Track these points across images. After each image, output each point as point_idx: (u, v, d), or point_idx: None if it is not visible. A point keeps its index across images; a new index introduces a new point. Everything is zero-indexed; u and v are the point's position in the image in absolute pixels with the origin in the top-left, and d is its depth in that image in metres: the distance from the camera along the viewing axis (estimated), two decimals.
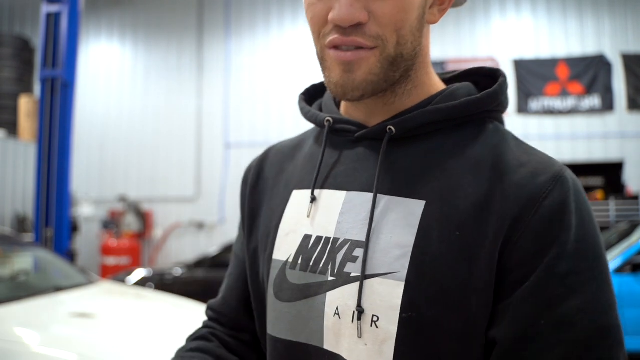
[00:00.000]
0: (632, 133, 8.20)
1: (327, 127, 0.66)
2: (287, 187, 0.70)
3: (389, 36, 0.56)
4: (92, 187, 9.13)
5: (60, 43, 5.63)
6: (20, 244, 3.99)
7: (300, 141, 0.76)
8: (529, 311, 0.51)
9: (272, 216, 0.70)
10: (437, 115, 0.60)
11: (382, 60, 0.57)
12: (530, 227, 0.52)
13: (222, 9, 9.13)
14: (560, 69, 8.32)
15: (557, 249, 0.52)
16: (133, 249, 8.38)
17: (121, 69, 9.36)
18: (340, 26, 0.56)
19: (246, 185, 0.77)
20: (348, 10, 0.54)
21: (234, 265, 0.79)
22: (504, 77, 0.64)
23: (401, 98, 0.62)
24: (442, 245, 0.54)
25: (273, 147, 0.79)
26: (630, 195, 7.68)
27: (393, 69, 0.58)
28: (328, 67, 0.60)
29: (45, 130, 5.57)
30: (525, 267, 0.52)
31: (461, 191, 0.56)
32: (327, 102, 0.71)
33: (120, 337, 2.55)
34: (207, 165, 8.85)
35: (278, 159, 0.75)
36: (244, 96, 8.81)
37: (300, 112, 0.73)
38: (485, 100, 0.61)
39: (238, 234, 0.80)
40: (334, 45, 0.57)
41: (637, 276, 4.82)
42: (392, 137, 0.61)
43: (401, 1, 0.55)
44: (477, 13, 8.61)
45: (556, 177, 0.55)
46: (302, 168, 0.70)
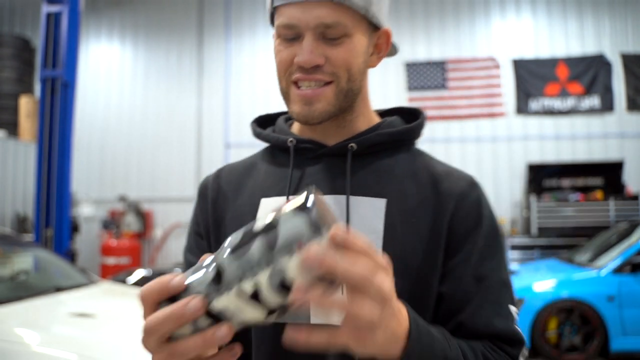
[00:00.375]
0: (632, 133, 8.21)
1: (292, 146, 0.81)
2: (252, 197, 0.82)
3: (341, 74, 0.74)
4: (92, 187, 9.14)
5: (61, 43, 5.64)
6: (21, 244, 3.99)
7: (251, 162, 0.89)
8: (463, 271, 0.74)
9: (241, 222, 0.77)
10: (386, 137, 0.80)
11: (337, 93, 0.75)
12: (461, 216, 0.76)
13: (222, 9, 9.13)
14: (560, 69, 8.32)
15: (478, 230, 0.76)
16: (133, 249, 8.38)
17: (121, 69, 9.37)
18: (303, 67, 0.73)
19: (206, 199, 0.86)
20: (309, 56, 0.71)
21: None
22: (424, 115, 0.87)
23: (350, 123, 0.81)
24: (404, 229, 0.74)
25: (224, 167, 0.91)
26: (630, 195, 7.68)
27: (345, 100, 0.77)
28: (292, 100, 0.77)
29: (46, 131, 5.57)
30: (459, 242, 0.75)
31: (408, 192, 0.77)
32: (281, 127, 0.87)
33: (120, 337, 2.55)
34: (207, 165, 8.85)
35: (234, 177, 0.87)
36: (244, 96, 8.81)
37: (258, 135, 0.88)
38: (415, 130, 0.84)
39: (188, 244, 0.87)
40: (298, 81, 0.74)
41: (637, 276, 4.82)
42: (353, 153, 0.79)
43: (350, 49, 0.73)
44: (477, 13, 8.61)
45: (472, 183, 0.81)
46: (263, 181, 0.83)
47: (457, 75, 8.42)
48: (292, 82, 0.75)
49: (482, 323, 0.71)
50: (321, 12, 0.71)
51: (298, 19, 0.72)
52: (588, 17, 8.48)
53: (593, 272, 4.97)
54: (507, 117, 8.36)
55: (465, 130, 8.39)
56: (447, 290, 0.73)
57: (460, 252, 0.75)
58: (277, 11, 0.75)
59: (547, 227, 7.63)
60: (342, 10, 0.71)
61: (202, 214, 0.85)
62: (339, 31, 0.72)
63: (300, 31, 0.72)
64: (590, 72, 8.27)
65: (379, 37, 0.80)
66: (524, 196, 8.14)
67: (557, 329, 4.87)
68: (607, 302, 4.77)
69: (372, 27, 0.77)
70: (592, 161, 8.07)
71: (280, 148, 0.84)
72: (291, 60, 0.74)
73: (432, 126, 8.43)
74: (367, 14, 0.74)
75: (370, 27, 0.77)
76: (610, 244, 5.52)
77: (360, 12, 0.73)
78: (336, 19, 0.71)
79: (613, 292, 4.78)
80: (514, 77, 8.39)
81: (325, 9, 0.71)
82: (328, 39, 0.73)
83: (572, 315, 4.84)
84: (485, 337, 0.71)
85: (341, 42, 0.73)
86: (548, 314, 4.84)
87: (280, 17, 0.74)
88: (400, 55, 8.63)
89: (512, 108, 8.37)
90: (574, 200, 7.71)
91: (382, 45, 0.81)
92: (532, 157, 8.25)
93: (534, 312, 4.85)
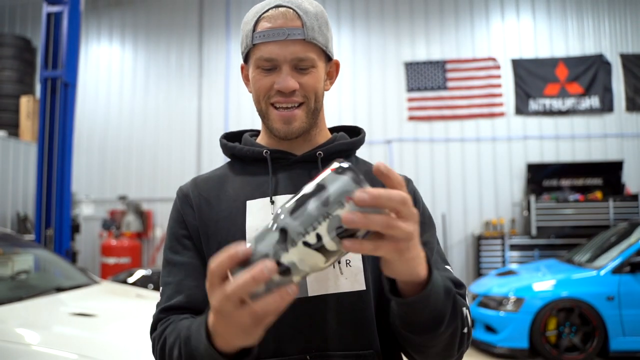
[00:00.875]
0: (631, 133, 8.21)
1: (268, 156, 0.98)
2: (236, 201, 0.96)
3: (310, 97, 0.94)
4: (92, 187, 9.14)
5: (61, 43, 5.64)
6: (21, 244, 3.99)
7: (222, 174, 1.04)
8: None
9: (231, 222, 0.94)
10: (345, 147, 1.01)
11: (308, 112, 0.95)
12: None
13: (222, 9, 9.14)
14: (560, 69, 8.33)
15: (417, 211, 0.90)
16: (133, 249, 8.38)
17: (121, 69, 9.37)
18: (282, 92, 0.92)
19: (190, 204, 0.98)
20: (288, 82, 0.91)
21: (183, 270, 0.94)
22: (364, 131, 1.08)
23: (314, 137, 1.01)
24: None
25: (196, 178, 1.05)
26: (629, 195, 7.69)
27: (313, 117, 0.97)
28: (271, 119, 0.95)
29: (46, 131, 5.58)
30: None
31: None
32: (249, 141, 1.05)
33: (120, 337, 2.55)
34: (207, 166, 8.86)
35: (210, 185, 1.01)
36: (244, 96, 8.82)
37: (231, 149, 1.05)
38: (362, 141, 1.06)
39: (171, 245, 0.97)
40: (277, 103, 0.93)
41: (637, 276, 4.83)
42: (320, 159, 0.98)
43: (315, 77, 0.93)
44: (477, 13, 8.62)
45: (407, 179, 1.00)
46: (242, 188, 0.98)
47: (457, 76, 8.43)
48: (270, 104, 0.94)
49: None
50: (295, 49, 0.90)
51: (277, 54, 0.90)
52: (588, 18, 8.48)
53: (592, 272, 4.98)
54: (507, 117, 8.36)
55: (465, 130, 8.39)
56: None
57: None
58: (256, 47, 0.92)
59: (546, 227, 7.63)
60: (311, 47, 0.92)
61: (189, 217, 0.97)
62: (309, 63, 0.92)
63: (278, 64, 0.91)
64: (590, 72, 8.28)
65: (331, 66, 1.01)
66: (524, 196, 8.14)
67: (556, 328, 4.87)
68: (606, 302, 4.77)
69: (327, 58, 0.98)
70: (592, 161, 8.08)
71: (255, 159, 1.00)
72: (270, 86, 0.92)
73: (432, 126, 8.43)
74: (326, 49, 0.95)
75: (326, 58, 0.98)
76: (609, 244, 5.53)
77: (322, 48, 0.94)
78: (307, 54, 0.91)
79: (612, 292, 4.79)
80: (514, 78, 8.39)
81: (299, 46, 0.91)
82: (300, 69, 0.92)
83: (572, 315, 4.85)
84: None
85: (310, 72, 0.93)
86: (547, 314, 4.85)
87: (260, 52, 0.91)
88: (400, 55, 8.63)
89: (511, 108, 8.37)
90: (573, 201, 7.72)
91: (333, 72, 1.03)
92: (531, 157, 8.26)
93: (534, 312, 4.85)
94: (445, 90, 8.43)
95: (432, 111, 8.40)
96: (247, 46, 0.94)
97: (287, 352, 0.86)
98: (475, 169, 8.33)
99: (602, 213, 7.53)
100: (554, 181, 8.06)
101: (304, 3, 0.93)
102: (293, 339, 0.87)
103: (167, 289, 0.94)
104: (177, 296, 0.92)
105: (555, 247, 7.46)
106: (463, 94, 8.40)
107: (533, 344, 4.86)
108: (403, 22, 8.68)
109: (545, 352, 4.81)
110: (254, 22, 0.92)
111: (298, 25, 0.91)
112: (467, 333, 0.86)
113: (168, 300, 0.92)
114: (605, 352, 4.79)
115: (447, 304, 0.78)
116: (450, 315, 0.79)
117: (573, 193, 7.93)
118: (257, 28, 0.92)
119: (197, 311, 0.88)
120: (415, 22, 8.68)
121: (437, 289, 0.74)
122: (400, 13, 8.70)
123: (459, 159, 8.35)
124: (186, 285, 0.92)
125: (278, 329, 0.82)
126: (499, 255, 7.73)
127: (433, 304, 0.74)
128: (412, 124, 8.37)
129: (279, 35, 0.90)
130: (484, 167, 8.33)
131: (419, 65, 8.54)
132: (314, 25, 0.92)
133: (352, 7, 8.82)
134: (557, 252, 7.31)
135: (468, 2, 8.64)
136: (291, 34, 0.90)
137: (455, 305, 0.80)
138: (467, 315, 0.87)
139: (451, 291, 0.79)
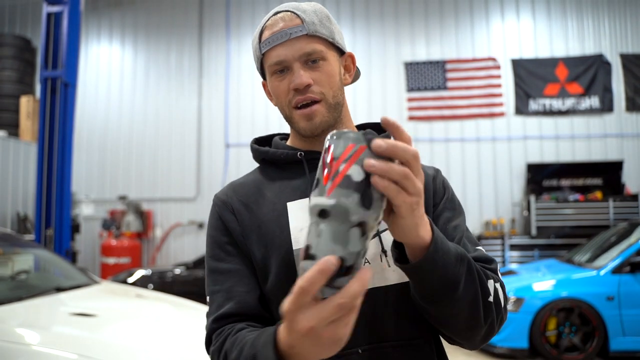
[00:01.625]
0: (631, 133, 8.22)
1: (303, 157, 0.99)
2: (276, 204, 0.97)
3: (326, 92, 0.95)
4: (92, 187, 9.15)
5: (61, 43, 5.64)
6: (21, 244, 3.99)
7: (255, 178, 1.04)
8: (442, 222, 0.97)
9: (275, 225, 0.95)
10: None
11: (328, 107, 0.96)
12: (436, 189, 1.01)
13: (222, 9, 9.14)
14: (560, 69, 8.33)
15: (446, 196, 1.01)
16: (133, 249, 8.39)
17: (121, 69, 9.37)
18: (298, 89, 0.93)
19: (230, 211, 0.99)
20: (302, 78, 0.92)
21: (230, 277, 0.95)
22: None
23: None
24: None
25: (232, 184, 1.06)
26: (629, 195, 7.69)
27: (335, 112, 0.97)
28: (296, 120, 0.97)
29: (46, 131, 5.58)
30: (438, 204, 1.00)
31: None
32: (280, 144, 1.06)
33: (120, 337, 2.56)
34: (207, 165, 8.86)
35: (248, 191, 1.02)
36: (244, 96, 8.82)
37: (264, 153, 1.04)
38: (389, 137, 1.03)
39: (215, 254, 0.97)
40: (297, 103, 0.95)
41: (636, 276, 4.83)
42: None
43: (327, 71, 0.95)
44: (477, 13, 8.62)
45: (437, 170, 1.06)
46: (281, 190, 0.99)
47: (457, 76, 8.43)
48: (292, 107, 0.96)
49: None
50: (300, 45, 0.93)
51: (284, 54, 0.93)
52: (588, 18, 8.49)
53: (592, 272, 4.98)
54: (507, 117, 8.37)
55: (465, 130, 8.40)
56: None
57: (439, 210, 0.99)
58: (265, 56, 0.96)
59: (546, 227, 7.63)
60: (315, 39, 0.94)
61: (230, 223, 0.99)
62: (317, 56, 0.94)
63: (288, 64, 0.94)
64: (590, 72, 8.28)
65: (346, 59, 1.03)
66: (524, 196, 8.14)
67: (556, 328, 4.87)
68: (606, 302, 4.77)
69: (339, 52, 1.00)
70: (592, 161, 8.08)
71: (289, 161, 1.01)
72: (288, 89, 0.95)
73: (432, 126, 8.44)
74: (333, 41, 0.97)
75: (337, 52, 1.00)
76: (609, 244, 5.53)
77: (328, 40, 0.96)
78: (312, 47, 0.94)
79: (612, 292, 4.79)
80: (514, 78, 8.40)
81: (303, 42, 0.93)
82: (310, 65, 0.94)
83: (572, 315, 4.84)
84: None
85: (320, 65, 0.95)
86: (547, 314, 4.85)
87: (270, 59, 0.95)
88: (400, 55, 8.64)
89: (511, 108, 8.38)
90: (573, 200, 7.72)
91: (350, 65, 1.04)
92: (531, 157, 8.26)
93: (534, 311, 4.85)
94: (445, 90, 8.43)
95: (432, 111, 8.41)
96: (259, 58, 0.98)
97: None
98: (475, 169, 8.33)
99: (602, 213, 7.53)
100: (554, 181, 8.06)
101: (302, 5, 0.97)
102: None
103: (217, 297, 0.94)
104: (228, 303, 0.92)
105: (555, 247, 7.46)
106: (463, 94, 8.40)
107: (533, 344, 4.86)
108: (403, 22, 8.69)
109: (545, 352, 4.81)
110: (259, 35, 0.97)
111: (298, 23, 0.94)
112: (496, 303, 0.86)
113: (219, 308, 0.92)
114: (605, 352, 4.79)
115: (460, 269, 0.79)
116: (466, 280, 0.80)
117: (573, 193, 7.94)
118: (262, 38, 0.96)
119: (249, 316, 0.91)
120: (415, 22, 8.68)
121: (443, 253, 0.76)
122: (400, 13, 8.70)
123: (459, 159, 8.35)
124: (236, 291, 0.93)
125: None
126: (499, 255, 7.73)
127: (442, 267, 0.76)
128: (412, 124, 8.37)
129: (282, 37, 0.93)
130: (484, 167, 8.33)
131: (419, 65, 8.54)
132: (314, 19, 0.95)
133: (352, 7, 8.82)
134: (557, 252, 7.31)
135: (468, 2, 8.64)
136: (293, 33, 0.93)
137: (471, 272, 0.81)
138: (497, 288, 0.87)
139: (464, 258, 0.80)
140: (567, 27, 8.49)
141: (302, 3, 0.98)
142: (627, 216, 7.30)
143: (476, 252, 0.93)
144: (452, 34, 8.60)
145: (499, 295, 0.87)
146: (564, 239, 7.47)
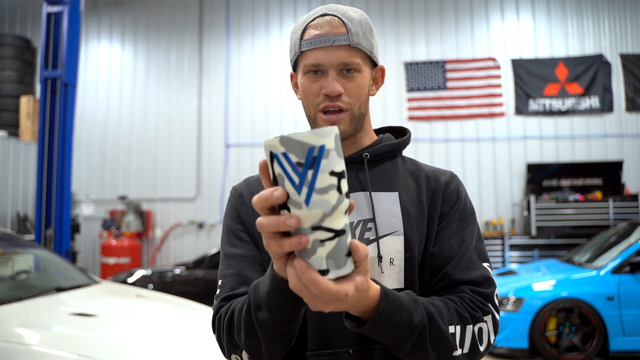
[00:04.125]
0: (631, 133, 8.22)
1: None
2: None
3: (354, 103, 0.98)
4: (92, 187, 9.15)
5: (61, 43, 5.64)
6: (21, 244, 3.99)
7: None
8: (448, 235, 0.99)
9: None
10: (390, 148, 1.06)
11: (352, 118, 0.99)
12: (447, 197, 1.03)
13: (222, 9, 9.14)
14: (560, 69, 8.33)
15: (457, 206, 1.02)
16: (133, 249, 8.39)
17: (121, 69, 9.37)
18: (329, 95, 0.96)
19: (244, 203, 1.05)
20: (334, 87, 0.95)
21: (242, 261, 1.00)
22: (409, 131, 1.13)
23: (359, 140, 1.05)
24: (415, 212, 1.00)
25: (248, 180, 1.11)
26: (629, 195, 7.69)
27: (357, 123, 1.01)
28: (319, 124, 0.99)
29: (46, 131, 5.58)
30: (446, 215, 1.01)
31: (411, 186, 1.04)
32: None
33: (120, 337, 2.56)
34: (207, 165, 8.87)
35: (260, 187, 1.06)
36: (244, 96, 8.82)
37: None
38: (407, 142, 1.10)
39: (230, 241, 1.03)
40: (325, 108, 0.98)
41: (636, 276, 4.83)
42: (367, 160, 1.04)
43: (359, 83, 0.98)
44: (477, 13, 8.62)
45: (452, 175, 1.07)
46: None
47: (457, 76, 8.43)
48: (319, 110, 0.99)
49: (460, 274, 0.95)
50: (341, 54, 0.95)
51: (323, 59, 0.95)
52: (587, 18, 8.49)
53: (592, 272, 4.98)
54: (507, 117, 8.37)
55: (465, 130, 8.40)
56: (436, 251, 0.98)
57: (446, 222, 1.01)
58: (303, 54, 0.97)
59: (546, 227, 7.63)
60: (356, 52, 0.96)
61: (244, 214, 1.04)
62: (353, 67, 0.96)
63: (324, 69, 0.96)
64: (590, 72, 8.28)
65: (376, 72, 1.05)
66: (524, 196, 8.14)
67: (556, 328, 4.87)
68: (606, 302, 4.77)
69: (373, 64, 1.03)
70: (592, 161, 8.08)
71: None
72: (319, 92, 0.97)
73: (432, 126, 8.44)
74: (371, 54, 1.00)
75: (372, 64, 1.02)
76: (609, 244, 5.53)
77: (367, 53, 0.98)
78: (352, 59, 0.96)
79: (612, 292, 4.79)
80: (514, 78, 8.40)
81: (344, 51, 0.95)
82: (344, 74, 0.96)
83: (572, 315, 4.85)
84: (464, 284, 0.94)
85: (354, 77, 0.97)
86: (547, 314, 4.85)
87: (308, 59, 0.97)
88: (400, 55, 8.64)
89: (511, 108, 8.38)
90: (573, 200, 7.72)
91: (379, 78, 1.07)
92: (531, 157, 8.26)
93: (534, 312, 4.85)
94: (445, 90, 8.43)
95: (432, 111, 8.41)
96: (296, 54, 0.99)
97: (331, 346, 0.93)
98: (475, 169, 8.34)
99: (602, 213, 7.53)
100: (554, 181, 8.06)
101: (349, 11, 0.98)
102: (338, 334, 0.93)
103: (228, 280, 0.98)
104: (239, 287, 0.96)
105: (555, 247, 7.46)
106: (463, 94, 8.41)
107: (533, 344, 4.86)
108: (403, 22, 8.69)
109: (545, 352, 4.81)
110: (302, 31, 0.98)
111: (343, 31, 0.95)
112: (472, 349, 0.88)
113: (229, 290, 0.96)
114: (605, 352, 4.80)
115: (405, 343, 0.82)
116: (412, 349, 0.83)
117: (573, 193, 7.94)
118: (304, 36, 0.97)
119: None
120: (415, 22, 8.68)
121: (386, 327, 0.79)
122: (400, 13, 8.71)
123: (459, 159, 8.35)
124: (247, 275, 0.97)
125: (324, 325, 0.93)
126: (499, 255, 7.73)
127: (384, 337, 0.80)
128: (412, 124, 8.37)
129: (325, 42, 0.95)
130: (484, 167, 8.33)
131: (419, 65, 8.54)
132: (359, 31, 0.96)
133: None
134: (557, 252, 7.31)
135: (468, 2, 8.64)
136: (337, 40, 0.95)
137: (422, 343, 0.83)
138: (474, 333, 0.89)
139: (415, 329, 0.82)
140: (567, 27, 8.49)
141: (349, 9, 0.99)
142: (627, 216, 7.31)
143: (476, 272, 0.95)
144: (452, 34, 8.60)
145: (480, 337, 0.90)
146: (563, 239, 7.47)
